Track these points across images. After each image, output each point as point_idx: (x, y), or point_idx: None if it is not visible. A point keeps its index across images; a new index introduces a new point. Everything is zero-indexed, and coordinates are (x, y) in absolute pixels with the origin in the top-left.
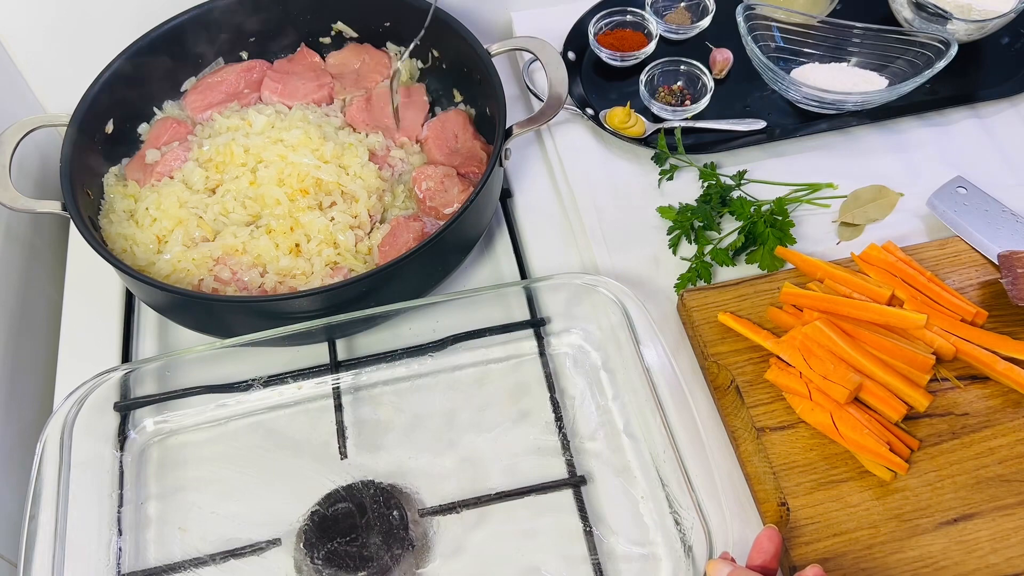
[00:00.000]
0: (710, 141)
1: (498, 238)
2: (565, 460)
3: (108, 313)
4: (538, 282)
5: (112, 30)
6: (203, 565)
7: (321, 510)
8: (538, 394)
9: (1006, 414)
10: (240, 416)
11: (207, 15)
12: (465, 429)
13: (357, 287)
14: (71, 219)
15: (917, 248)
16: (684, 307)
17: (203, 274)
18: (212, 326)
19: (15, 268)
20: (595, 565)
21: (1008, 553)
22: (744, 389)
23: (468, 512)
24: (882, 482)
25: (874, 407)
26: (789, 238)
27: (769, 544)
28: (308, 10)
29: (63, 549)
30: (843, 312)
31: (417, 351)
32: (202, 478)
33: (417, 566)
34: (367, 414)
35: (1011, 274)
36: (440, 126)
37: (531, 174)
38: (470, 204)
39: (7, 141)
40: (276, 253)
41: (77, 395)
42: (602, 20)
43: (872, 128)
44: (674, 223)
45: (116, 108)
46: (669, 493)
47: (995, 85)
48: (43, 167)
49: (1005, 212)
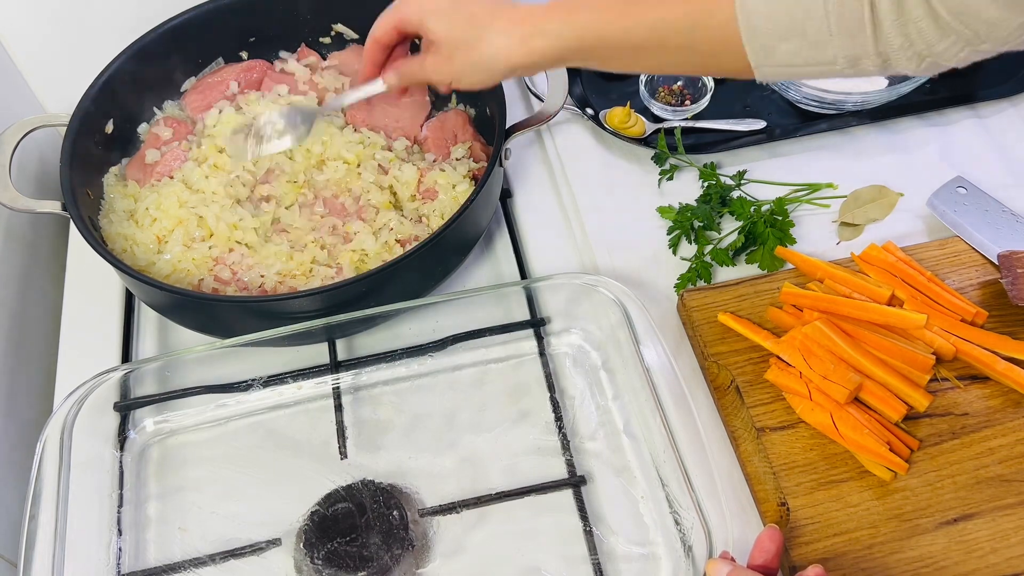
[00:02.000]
0: (710, 141)
1: (498, 238)
2: (565, 460)
3: (108, 313)
4: (538, 282)
5: (112, 30)
6: (203, 565)
7: (321, 510)
8: (538, 394)
9: (1006, 414)
10: (240, 416)
11: (207, 15)
12: (465, 429)
13: (357, 287)
14: (71, 219)
15: (917, 248)
16: (684, 307)
17: (203, 274)
18: (212, 326)
19: (15, 268)
20: (595, 565)
21: (1008, 553)
22: (744, 389)
23: (468, 512)
24: (882, 482)
25: (874, 407)
26: (789, 238)
27: (770, 544)
28: (308, 10)
29: (63, 549)
30: (843, 312)
31: (417, 351)
32: (202, 478)
33: (417, 566)
34: (367, 414)
35: (1011, 274)
36: (440, 126)
37: (531, 174)
38: (470, 204)
39: (7, 141)
40: (289, 264)
41: (77, 395)
42: None
43: (872, 128)
44: (674, 223)
45: (116, 108)
46: (669, 493)
47: (995, 85)
48: (43, 167)
49: (1005, 212)
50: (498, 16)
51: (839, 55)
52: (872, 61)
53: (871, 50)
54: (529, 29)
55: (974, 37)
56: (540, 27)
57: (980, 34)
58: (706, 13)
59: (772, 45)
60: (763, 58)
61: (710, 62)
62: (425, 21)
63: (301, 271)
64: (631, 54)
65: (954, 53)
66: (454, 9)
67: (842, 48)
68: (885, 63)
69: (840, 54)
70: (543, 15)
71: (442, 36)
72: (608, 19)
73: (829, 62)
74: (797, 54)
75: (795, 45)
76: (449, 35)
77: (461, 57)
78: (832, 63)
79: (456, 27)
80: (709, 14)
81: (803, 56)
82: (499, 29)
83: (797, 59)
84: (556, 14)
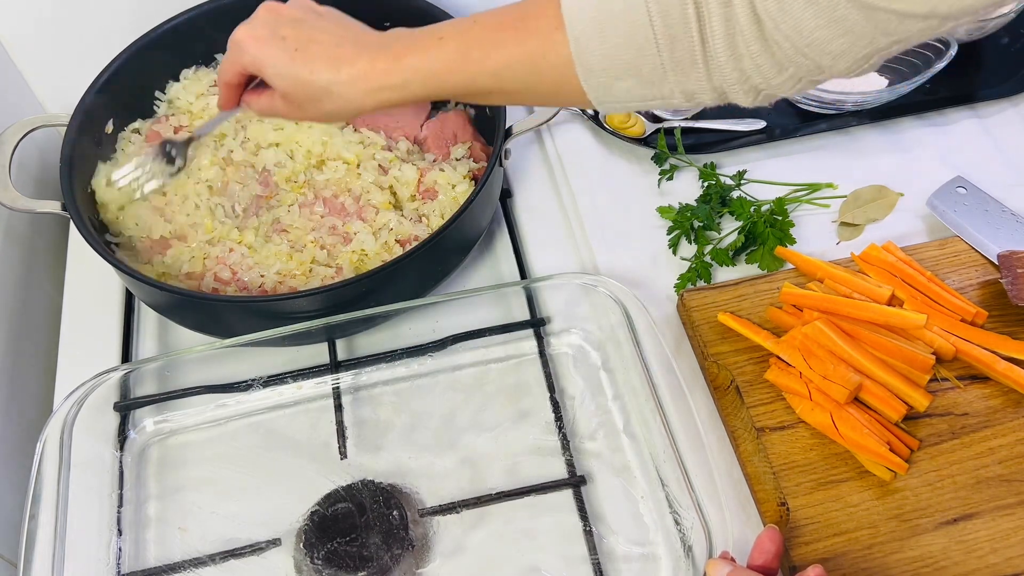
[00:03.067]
0: (710, 141)
1: (498, 238)
2: (565, 460)
3: (108, 313)
4: (538, 282)
5: (112, 30)
6: (203, 565)
7: (321, 510)
8: (538, 394)
9: (1006, 414)
10: (240, 416)
11: (207, 15)
12: (465, 429)
13: (357, 287)
14: (71, 219)
15: (917, 248)
16: (684, 307)
17: (203, 274)
18: (212, 326)
19: (15, 268)
20: (595, 565)
21: (1008, 553)
22: (744, 389)
23: (468, 512)
24: (882, 482)
25: (874, 407)
26: (789, 238)
27: (770, 544)
28: None
29: (63, 549)
30: (843, 312)
31: (417, 351)
32: (202, 478)
33: (417, 566)
34: (367, 414)
35: (1011, 274)
36: (439, 126)
37: (531, 174)
38: (470, 204)
39: (7, 141)
40: (289, 264)
41: (77, 395)
42: None
43: (872, 128)
44: (674, 223)
45: (116, 108)
46: (669, 493)
47: (995, 85)
48: (43, 167)
49: (1005, 212)
50: (340, 70)
51: (675, 90)
52: (708, 96)
53: (706, 85)
54: (373, 84)
55: (815, 69)
56: (383, 82)
57: (822, 66)
58: (542, 54)
59: (609, 83)
60: (603, 94)
61: (553, 100)
62: (264, 74)
63: (301, 271)
64: (480, 97)
65: (791, 85)
66: (291, 62)
67: (678, 84)
68: (721, 96)
69: (676, 89)
70: (386, 67)
71: (287, 92)
72: (451, 68)
73: (666, 96)
74: (634, 91)
75: (631, 83)
76: (293, 93)
77: (311, 109)
78: (669, 97)
79: (298, 87)
80: (544, 56)
81: (640, 93)
82: (342, 85)
83: (635, 95)
84: (398, 66)
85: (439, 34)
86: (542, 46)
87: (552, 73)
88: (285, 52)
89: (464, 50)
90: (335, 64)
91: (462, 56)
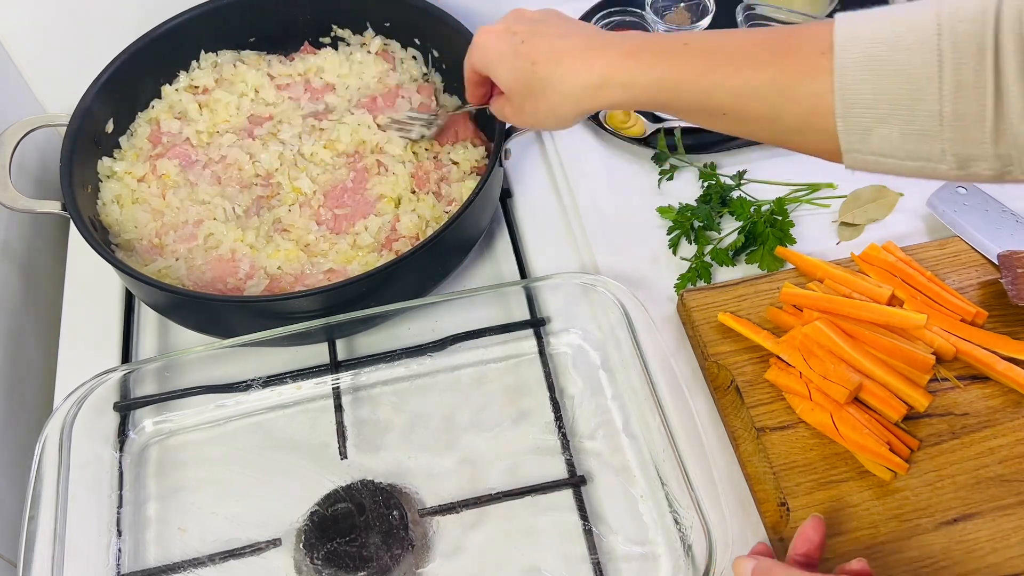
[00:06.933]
0: (710, 141)
1: (498, 238)
2: (565, 460)
3: (108, 313)
4: (538, 282)
5: (112, 30)
6: (202, 565)
7: (321, 510)
8: (538, 394)
9: (1006, 414)
10: (240, 416)
11: (207, 15)
12: (465, 429)
13: (357, 287)
14: (71, 219)
15: (917, 248)
16: (684, 307)
17: (203, 274)
18: (212, 326)
19: (15, 268)
20: (595, 564)
21: (1008, 553)
22: (744, 389)
23: (468, 512)
24: (882, 482)
25: (874, 407)
26: (789, 238)
27: (814, 534)
28: (308, 10)
29: (63, 549)
30: (843, 312)
31: (417, 351)
32: (201, 478)
33: (417, 566)
34: (367, 414)
35: (1011, 274)
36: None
37: (531, 174)
38: (470, 204)
39: (7, 141)
40: (289, 264)
41: (77, 395)
42: (602, 20)
43: None
44: (674, 223)
45: (116, 108)
46: (669, 492)
47: None
48: (43, 167)
49: (1005, 212)
50: (562, 62)
51: (947, 151)
52: (987, 164)
53: (989, 150)
54: (597, 79)
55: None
56: (609, 78)
57: None
58: (796, 80)
59: (868, 126)
60: (856, 141)
61: (794, 138)
62: (490, 69)
63: (301, 271)
64: (707, 117)
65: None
66: (515, 55)
67: (952, 144)
68: (1004, 167)
69: (948, 150)
70: (614, 63)
71: (508, 86)
72: (687, 78)
73: (933, 159)
74: (895, 142)
75: (894, 132)
76: (513, 85)
77: (529, 107)
78: (937, 161)
79: (519, 76)
80: (799, 82)
81: (902, 147)
82: (564, 78)
83: (894, 148)
84: (628, 63)
85: (684, 40)
86: (801, 69)
87: (803, 103)
88: (511, 45)
89: (711, 60)
90: (557, 55)
91: (707, 66)
